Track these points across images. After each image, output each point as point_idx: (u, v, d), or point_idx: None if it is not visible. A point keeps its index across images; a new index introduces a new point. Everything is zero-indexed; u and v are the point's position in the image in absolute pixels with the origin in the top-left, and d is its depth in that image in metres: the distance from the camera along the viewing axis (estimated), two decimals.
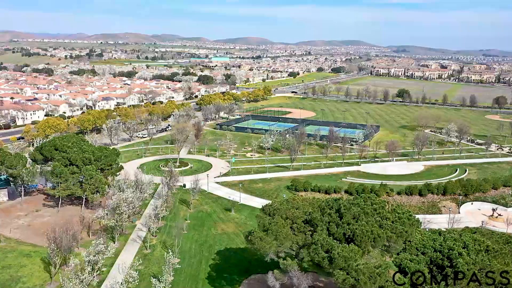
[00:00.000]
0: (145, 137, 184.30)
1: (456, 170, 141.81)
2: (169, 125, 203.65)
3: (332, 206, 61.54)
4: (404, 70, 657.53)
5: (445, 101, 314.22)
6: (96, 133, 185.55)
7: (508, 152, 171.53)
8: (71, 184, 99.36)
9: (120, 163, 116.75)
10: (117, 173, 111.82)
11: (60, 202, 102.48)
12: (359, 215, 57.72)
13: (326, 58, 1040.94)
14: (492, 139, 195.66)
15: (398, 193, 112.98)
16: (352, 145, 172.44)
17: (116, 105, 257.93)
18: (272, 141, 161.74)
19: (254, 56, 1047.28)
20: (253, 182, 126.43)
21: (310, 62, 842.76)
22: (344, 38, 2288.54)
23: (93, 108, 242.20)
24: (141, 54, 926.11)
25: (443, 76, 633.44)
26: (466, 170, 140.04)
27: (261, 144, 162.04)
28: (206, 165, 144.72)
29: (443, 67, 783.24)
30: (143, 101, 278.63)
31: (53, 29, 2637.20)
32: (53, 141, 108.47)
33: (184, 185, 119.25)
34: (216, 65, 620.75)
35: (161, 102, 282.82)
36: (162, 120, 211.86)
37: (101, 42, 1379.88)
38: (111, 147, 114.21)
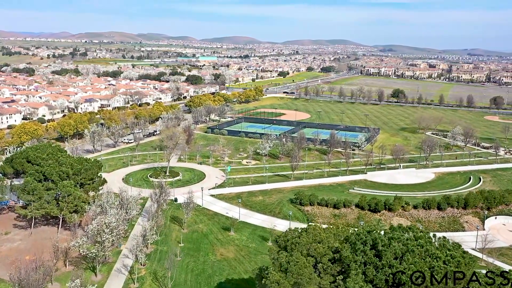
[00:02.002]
0: (131, 143, 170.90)
1: (470, 178, 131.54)
2: (156, 130, 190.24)
3: (366, 241, 49.57)
4: (394, 70, 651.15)
5: (442, 102, 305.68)
6: (78, 139, 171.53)
7: None
8: (45, 203, 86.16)
9: (103, 176, 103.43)
10: (100, 188, 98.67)
11: (33, 223, 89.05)
12: (403, 254, 45.96)
13: (314, 58, 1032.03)
14: (496, 141, 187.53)
15: (415, 207, 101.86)
16: (353, 150, 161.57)
17: (100, 107, 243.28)
18: (269, 147, 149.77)
19: (242, 55, 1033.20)
20: (252, 194, 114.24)
21: (299, 61, 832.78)
22: (331, 37, 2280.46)
23: (75, 110, 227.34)
24: (127, 53, 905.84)
25: (433, 76, 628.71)
26: (480, 179, 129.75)
27: (258, 150, 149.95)
28: (198, 174, 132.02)
29: (432, 66, 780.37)
30: (128, 103, 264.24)
31: (36, 28, 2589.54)
32: (25, 152, 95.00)
33: (176, 199, 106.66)
34: (204, 65, 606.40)
35: (148, 104, 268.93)
36: (149, 123, 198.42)
37: (86, 41, 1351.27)
38: (92, 159, 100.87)
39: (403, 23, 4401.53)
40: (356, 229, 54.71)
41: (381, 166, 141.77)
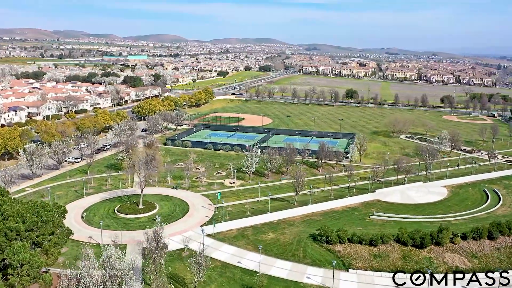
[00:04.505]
0: (77, 161, 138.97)
1: (485, 192, 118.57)
2: (107, 144, 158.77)
3: None
4: (331, 69, 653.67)
5: (396, 102, 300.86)
6: (7, 160, 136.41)
7: (508, 161, 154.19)
8: None
9: (66, 225, 74.25)
10: (64, 243, 69.81)
11: None
12: None
13: (246, 56, 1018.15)
14: (475, 144, 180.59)
15: (463, 238, 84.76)
16: (340, 160, 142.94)
17: (27, 116, 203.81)
18: (256, 163, 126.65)
19: (172, 54, 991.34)
20: (259, 230, 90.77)
21: (233, 60, 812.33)
22: (258, 36, 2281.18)
23: None
24: (45, 52, 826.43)
25: (367, 74, 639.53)
26: (498, 194, 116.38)
27: (243, 168, 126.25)
28: (179, 204, 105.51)
29: (362, 65, 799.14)
30: (62, 110, 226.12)
31: None
32: None
33: (165, 246, 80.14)
34: (137, 64, 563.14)
35: (85, 110, 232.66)
36: (93, 135, 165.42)
37: None
38: (50, 203, 71.51)
39: (325, 23, 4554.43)
40: None
41: (380, 180, 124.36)
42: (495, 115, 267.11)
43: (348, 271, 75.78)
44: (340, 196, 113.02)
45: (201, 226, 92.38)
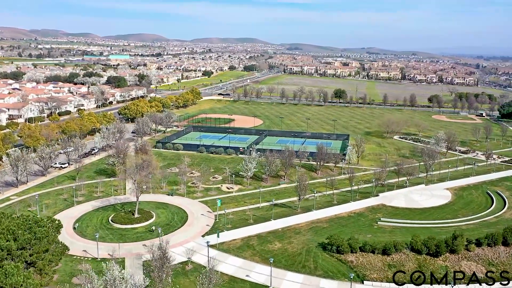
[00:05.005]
0: (64, 167, 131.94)
1: (488, 194, 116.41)
2: (95, 147, 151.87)
3: None
4: (316, 68, 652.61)
5: (385, 101, 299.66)
6: None
7: (504, 162, 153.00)
8: None
9: (61, 240, 68.19)
10: (59, 260, 63.91)
11: None
12: None
13: (229, 56, 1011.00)
14: (469, 145, 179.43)
15: (477, 244, 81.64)
16: (337, 162, 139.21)
17: (8, 119, 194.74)
18: (254, 167, 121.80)
19: (154, 53, 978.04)
20: (265, 240, 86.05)
21: (217, 59, 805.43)
22: (239, 35, 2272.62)
23: None
24: (23, 51, 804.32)
25: (352, 74, 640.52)
26: (503, 197, 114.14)
27: (241, 173, 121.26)
28: (177, 212, 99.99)
29: (345, 64, 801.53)
30: (44, 112, 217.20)
31: None
32: None
33: (171, 262, 74.62)
34: (119, 64, 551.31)
35: (69, 112, 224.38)
36: (79, 138, 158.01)
37: None
38: (44, 218, 65.45)
39: (306, 23, 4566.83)
40: None
41: (383, 183, 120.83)
42: (483, 115, 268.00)
43: (363, 283, 71.73)
44: (343, 200, 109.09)
45: (203, 236, 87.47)
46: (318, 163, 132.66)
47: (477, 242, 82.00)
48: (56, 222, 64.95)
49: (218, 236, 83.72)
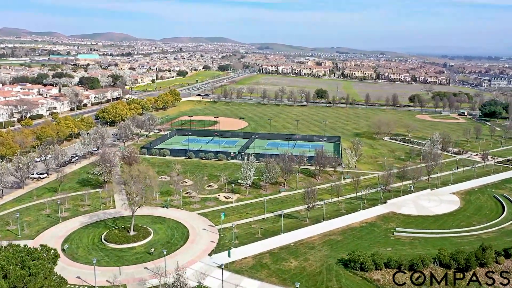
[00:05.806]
0: (43, 177, 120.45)
1: (496, 198, 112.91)
2: (75, 155, 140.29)
3: None
4: (291, 68, 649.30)
5: (367, 101, 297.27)
6: None
7: (499, 162, 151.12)
8: None
9: (57, 272, 58.40)
10: None
11: None
12: None
13: (201, 55, 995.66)
14: (460, 145, 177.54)
15: (506, 256, 76.84)
16: (335, 167, 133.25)
17: None
18: (253, 174, 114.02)
19: (124, 53, 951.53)
20: (278, 257, 78.50)
21: (190, 59, 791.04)
22: (210, 35, 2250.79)
23: None
24: None
25: (327, 73, 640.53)
26: (508, 198, 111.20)
27: (240, 181, 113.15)
28: (176, 227, 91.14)
29: (319, 64, 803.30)
30: (13, 116, 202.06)
31: None
32: None
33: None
34: (89, 64, 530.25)
35: (41, 116, 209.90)
36: (56, 144, 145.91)
37: None
38: (37, 248, 55.65)
39: (275, 22, 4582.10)
40: None
41: (389, 190, 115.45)
42: (465, 114, 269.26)
43: None
44: (351, 209, 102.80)
45: (210, 254, 79.15)
46: (317, 168, 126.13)
47: (505, 253, 77.19)
48: (52, 252, 55.40)
49: (229, 256, 75.52)
